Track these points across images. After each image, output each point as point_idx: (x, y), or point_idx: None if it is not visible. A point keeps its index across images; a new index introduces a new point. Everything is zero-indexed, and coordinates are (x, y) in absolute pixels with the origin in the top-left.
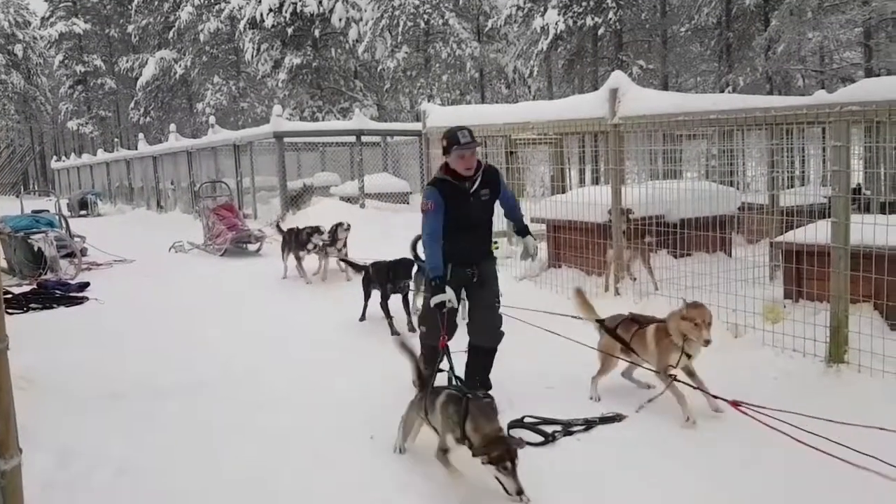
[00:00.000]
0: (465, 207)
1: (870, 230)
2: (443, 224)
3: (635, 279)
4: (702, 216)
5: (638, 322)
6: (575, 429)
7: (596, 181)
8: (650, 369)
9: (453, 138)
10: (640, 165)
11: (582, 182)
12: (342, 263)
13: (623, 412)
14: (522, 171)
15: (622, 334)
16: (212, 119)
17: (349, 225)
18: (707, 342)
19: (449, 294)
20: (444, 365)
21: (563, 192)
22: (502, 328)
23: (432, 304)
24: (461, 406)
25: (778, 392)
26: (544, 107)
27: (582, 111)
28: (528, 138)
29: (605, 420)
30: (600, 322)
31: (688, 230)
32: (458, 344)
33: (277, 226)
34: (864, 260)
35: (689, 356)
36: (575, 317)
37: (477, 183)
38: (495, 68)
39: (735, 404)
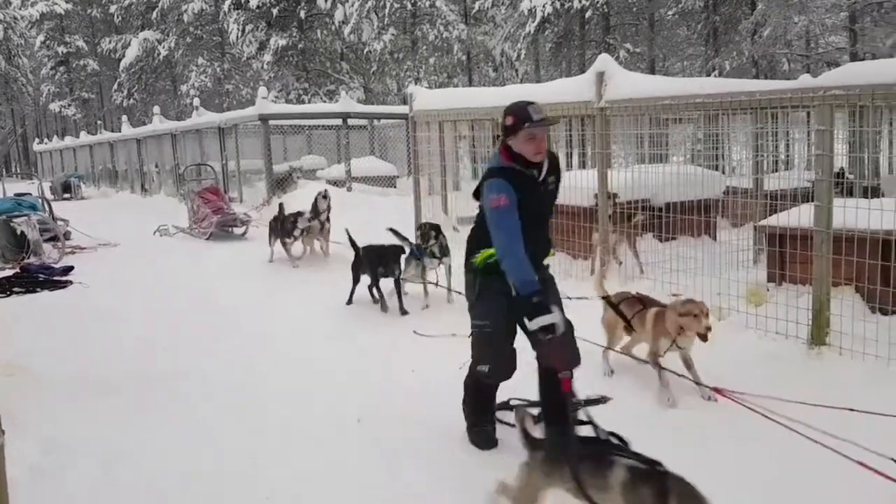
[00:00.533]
0: (536, 200)
1: (852, 214)
2: None
3: (621, 263)
4: (687, 200)
5: (642, 302)
6: None
7: (583, 165)
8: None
9: (522, 113)
10: (627, 149)
11: (569, 166)
12: (328, 243)
13: (608, 395)
14: None
15: (626, 311)
16: (196, 101)
17: (327, 193)
18: (709, 328)
19: (557, 315)
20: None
21: None
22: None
23: (536, 327)
24: (659, 486)
25: (760, 374)
26: (531, 90)
27: (568, 94)
28: None
29: (589, 402)
30: (606, 298)
31: (673, 214)
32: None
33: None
34: (847, 243)
35: (680, 348)
36: (580, 298)
37: (545, 169)
38: (482, 51)
39: (717, 390)
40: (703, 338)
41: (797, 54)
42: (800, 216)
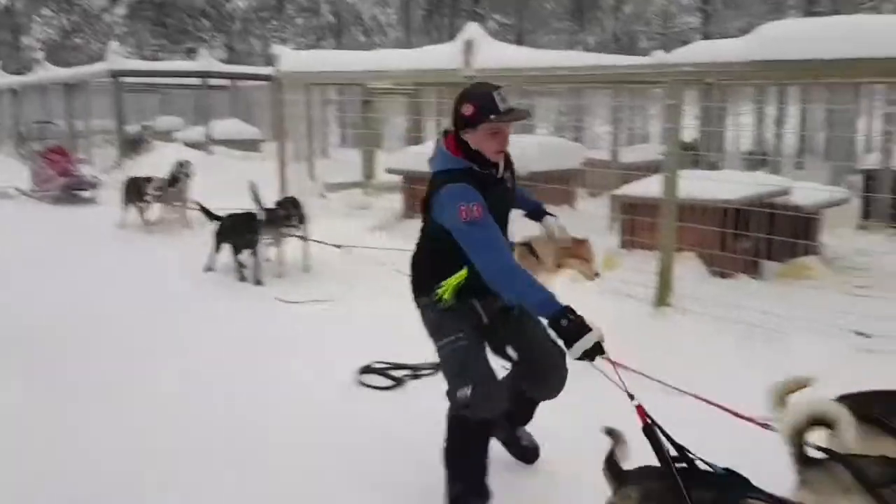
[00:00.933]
0: (497, 204)
1: (697, 184)
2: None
3: None
4: (549, 170)
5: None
6: (423, 372)
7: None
8: None
9: (486, 102)
10: None
11: (438, 134)
12: (187, 210)
13: None
14: (379, 122)
15: None
16: (40, 55)
17: (187, 163)
18: (597, 274)
19: (598, 331)
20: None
21: (420, 143)
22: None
23: (578, 355)
24: None
25: (609, 331)
26: (401, 56)
27: (438, 62)
28: (384, 88)
29: None
30: None
31: (535, 183)
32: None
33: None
34: (691, 212)
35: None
36: None
37: (501, 166)
38: (353, 14)
39: None
40: (589, 276)
41: (655, 32)
42: (650, 186)
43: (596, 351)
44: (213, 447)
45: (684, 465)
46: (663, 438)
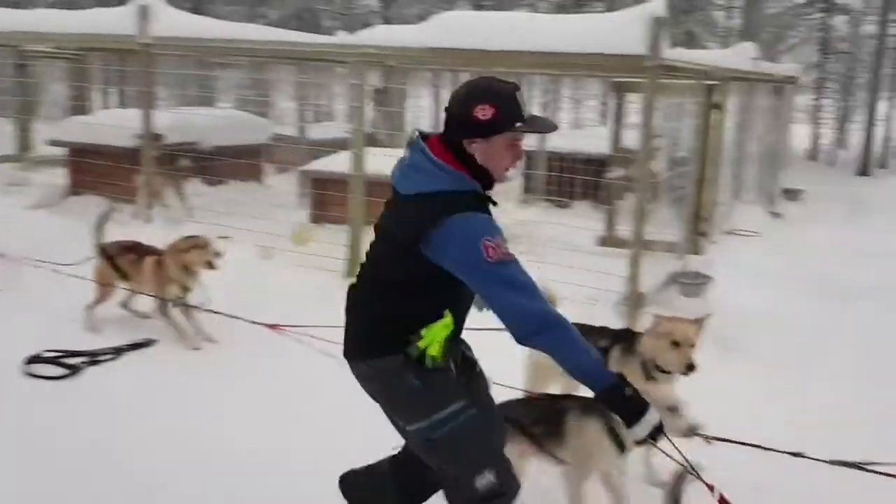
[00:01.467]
0: None
1: (384, 161)
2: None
3: (168, 206)
4: (235, 145)
5: (136, 251)
6: (102, 358)
7: (123, 104)
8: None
9: (512, 107)
10: (173, 90)
11: (107, 104)
12: None
13: (152, 337)
14: (36, 89)
15: (122, 262)
16: None
17: None
18: (217, 254)
19: (657, 413)
20: None
21: (86, 113)
22: None
23: (647, 434)
24: None
25: (305, 305)
26: (64, 17)
27: (109, 27)
28: (43, 51)
29: (134, 346)
30: (101, 248)
31: (221, 158)
32: None
33: None
34: (378, 187)
35: (187, 289)
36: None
37: None
38: None
39: (272, 326)
40: (212, 265)
41: (337, 12)
42: (338, 163)
43: (663, 428)
44: None
45: None
46: None
